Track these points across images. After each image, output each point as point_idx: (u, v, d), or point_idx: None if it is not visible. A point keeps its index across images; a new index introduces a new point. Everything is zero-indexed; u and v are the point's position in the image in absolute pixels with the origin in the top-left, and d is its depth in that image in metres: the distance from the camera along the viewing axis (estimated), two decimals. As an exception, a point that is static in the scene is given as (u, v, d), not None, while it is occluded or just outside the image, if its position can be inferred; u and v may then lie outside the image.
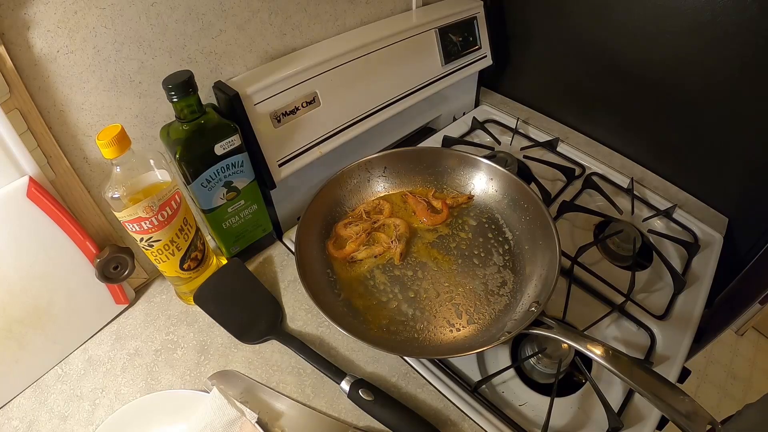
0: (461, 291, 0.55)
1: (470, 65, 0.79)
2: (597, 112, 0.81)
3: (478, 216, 0.63)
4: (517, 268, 0.57)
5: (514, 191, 0.61)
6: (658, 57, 0.67)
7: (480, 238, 0.60)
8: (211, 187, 0.53)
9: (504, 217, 0.62)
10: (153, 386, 0.51)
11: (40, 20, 0.41)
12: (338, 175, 0.62)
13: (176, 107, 0.48)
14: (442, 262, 0.58)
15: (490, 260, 0.58)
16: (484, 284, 0.55)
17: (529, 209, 0.59)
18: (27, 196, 0.44)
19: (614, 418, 0.46)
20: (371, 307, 0.54)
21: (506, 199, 0.62)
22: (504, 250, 0.59)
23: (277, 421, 0.48)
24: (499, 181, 0.62)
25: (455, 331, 0.51)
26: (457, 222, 0.62)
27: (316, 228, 0.60)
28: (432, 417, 0.48)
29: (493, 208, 0.63)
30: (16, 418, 0.49)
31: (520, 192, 0.60)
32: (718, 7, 0.57)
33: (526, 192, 0.59)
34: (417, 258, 0.59)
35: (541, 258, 0.55)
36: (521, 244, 0.59)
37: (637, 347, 0.54)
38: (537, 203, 0.57)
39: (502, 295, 0.54)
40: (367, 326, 0.52)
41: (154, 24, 0.48)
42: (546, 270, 0.53)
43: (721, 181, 0.71)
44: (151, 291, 0.61)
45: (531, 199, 0.58)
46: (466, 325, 0.52)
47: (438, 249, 0.59)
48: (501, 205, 0.62)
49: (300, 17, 0.61)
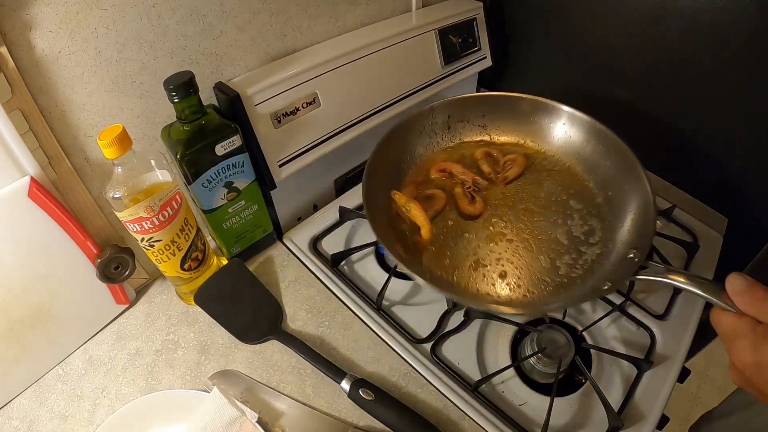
0: (552, 245, 0.54)
1: (470, 66, 0.80)
2: (596, 112, 0.81)
3: (556, 165, 0.62)
4: (603, 215, 0.55)
5: (595, 137, 0.59)
6: (658, 57, 0.67)
7: (566, 189, 0.59)
8: (212, 188, 0.53)
9: (583, 164, 0.60)
10: (153, 386, 0.51)
11: (41, 21, 0.42)
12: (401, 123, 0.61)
13: (177, 108, 0.48)
14: (527, 214, 0.57)
15: (576, 209, 0.57)
16: (576, 235, 0.54)
17: (610, 154, 0.57)
18: (28, 196, 0.45)
19: (614, 417, 0.46)
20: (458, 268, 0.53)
21: (587, 145, 0.60)
22: (588, 197, 0.58)
23: (278, 420, 0.48)
24: (580, 127, 0.61)
25: (551, 286, 0.50)
26: (535, 174, 0.61)
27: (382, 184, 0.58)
28: (432, 416, 0.48)
29: (571, 156, 0.61)
30: (16, 418, 0.49)
31: (600, 136, 0.58)
32: (717, 7, 0.58)
33: (608, 135, 0.57)
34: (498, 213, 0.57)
35: (630, 204, 0.53)
36: (605, 190, 0.57)
37: (637, 347, 0.54)
38: (619, 145, 0.55)
39: (593, 244, 0.53)
40: (459, 287, 0.51)
41: (156, 25, 0.49)
42: (637, 214, 0.52)
43: (721, 181, 0.71)
44: (151, 291, 0.61)
45: (613, 143, 0.56)
46: (562, 279, 0.51)
47: (519, 202, 0.58)
48: (579, 152, 0.61)
49: (300, 18, 0.61)
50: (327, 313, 0.58)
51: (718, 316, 0.36)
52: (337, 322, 0.57)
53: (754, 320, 0.33)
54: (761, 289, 0.33)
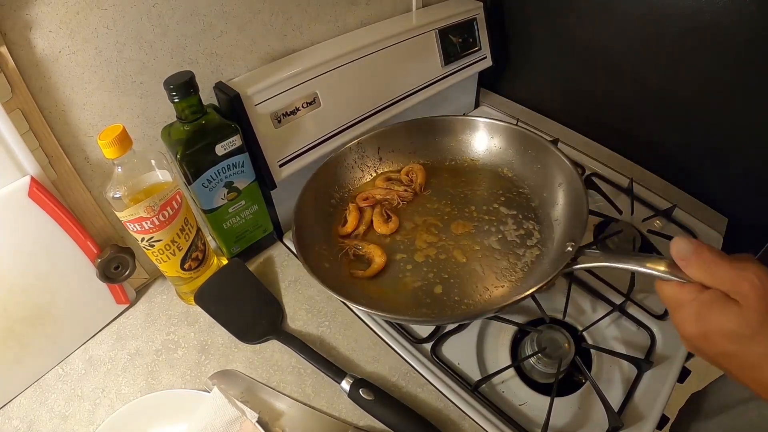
0: (486, 252, 0.54)
1: (470, 66, 0.80)
2: (596, 112, 0.81)
3: (488, 176, 0.62)
4: (540, 217, 0.56)
5: (518, 141, 0.60)
6: (658, 57, 0.67)
7: (498, 197, 0.60)
8: (212, 188, 0.53)
9: (514, 171, 0.61)
10: (154, 386, 0.51)
11: (42, 21, 0.42)
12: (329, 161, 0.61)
13: (177, 108, 0.48)
14: (459, 227, 0.57)
15: (512, 216, 0.57)
16: (511, 240, 0.55)
17: (538, 156, 0.58)
18: (28, 195, 0.45)
19: (614, 417, 0.46)
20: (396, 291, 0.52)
21: (513, 152, 0.61)
22: (523, 202, 0.58)
23: (278, 420, 0.48)
24: (502, 135, 0.62)
25: (492, 291, 0.50)
26: (467, 186, 0.61)
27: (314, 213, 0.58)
28: (432, 416, 0.48)
29: (502, 165, 0.62)
30: (16, 418, 0.49)
31: (525, 140, 0.59)
32: (717, 8, 0.58)
33: (532, 138, 0.58)
34: (430, 232, 0.57)
35: (562, 199, 0.54)
36: (539, 193, 0.58)
37: (637, 347, 0.54)
38: (546, 147, 0.56)
39: (530, 246, 0.54)
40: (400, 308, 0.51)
41: (156, 25, 0.49)
42: (569, 206, 0.53)
43: (721, 181, 0.71)
44: (151, 291, 0.61)
45: (539, 145, 0.57)
46: (501, 284, 0.51)
47: (453, 217, 0.58)
48: (509, 160, 0.62)
49: (301, 18, 0.61)
50: (327, 313, 0.58)
51: (661, 287, 0.34)
52: (337, 322, 0.57)
53: (697, 287, 0.31)
54: (707, 250, 0.31)
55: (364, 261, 0.55)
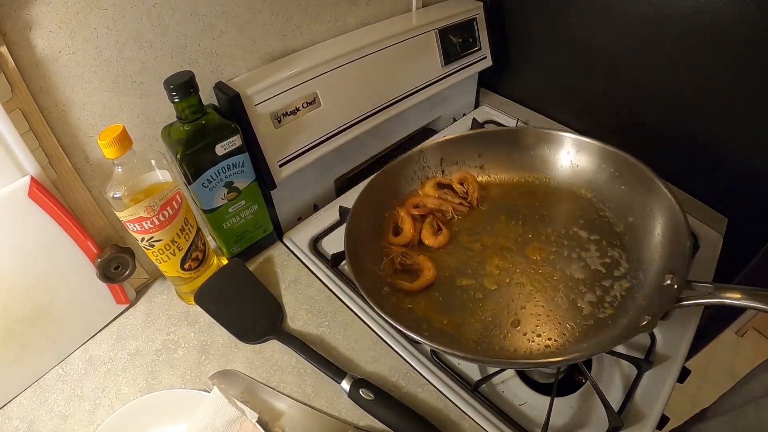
0: (569, 283, 0.49)
1: (470, 66, 0.80)
2: (596, 112, 0.81)
3: (564, 196, 0.58)
4: (626, 244, 0.51)
5: (606, 161, 0.55)
6: (658, 57, 0.67)
7: (576, 220, 0.55)
8: (212, 188, 0.53)
9: (595, 192, 0.56)
10: (154, 386, 0.51)
11: (42, 21, 0.42)
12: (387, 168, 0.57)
13: (177, 108, 0.48)
14: (535, 252, 0.52)
15: (594, 241, 0.52)
16: (596, 270, 0.49)
17: (624, 177, 0.53)
18: (28, 195, 0.45)
19: (614, 417, 0.46)
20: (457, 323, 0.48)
21: (597, 172, 0.56)
22: (605, 226, 0.53)
23: (278, 420, 0.48)
24: (587, 153, 0.57)
25: (576, 330, 0.45)
26: (543, 208, 0.57)
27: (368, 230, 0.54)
28: (432, 416, 0.48)
29: (580, 186, 0.57)
30: (16, 418, 0.49)
31: (610, 159, 0.54)
32: (717, 8, 0.58)
33: (619, 157, 0.53)
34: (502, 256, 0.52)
35: (656, 225, 0.49)
36: (624, 217, 0.53)
37: (637, 347, 0.54)
38: (635, 165, 0.51)
39: (619, 278, 0.48)
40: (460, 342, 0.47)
41: (156, 25, 0.49)
42: (666, 235, 0.47)
43: (721, 181, 0.71)
44: (151, 291, 0.61)
45: (628, 164, 0.52)
46: (587, 321, 0.46)
47: (527, 240, 0.54)
48: (589, 180, 0.57)
49: (301, 18, 0.61)
50: (327, 313, 0.58)
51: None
52: (337, 322, 0.57)
53: None
54: None
55: (410, 273, 0.51)
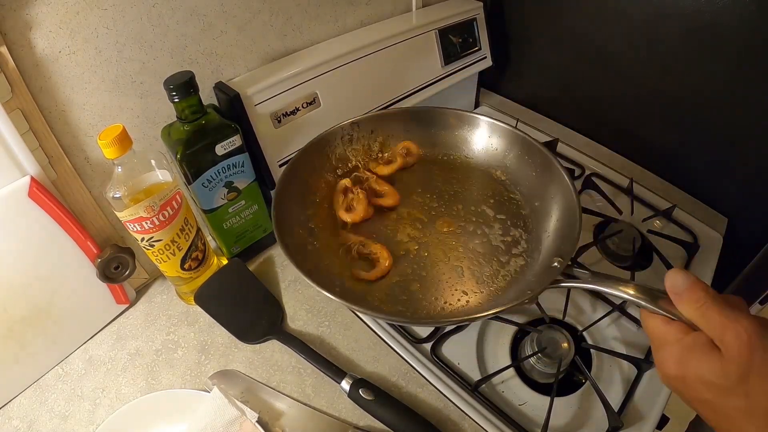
0: (470, 255, 0.52)
1: (470, 66, 0.80)
2: (596, 112, 0.81)
3: (480, 176, 0.60)
4: (529, 226, 0.54)
5: (517, 146, 0.58)
6: (658, 58, 0.67)
7: (487, 199, 0.58)
8: (212, 188, 0.53)
9: (508, 175, 0.59)
10: (154, 386, 0.51)
11: (42, 21, 0.42)
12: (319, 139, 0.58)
13: (177, 108, 0.48)
14: (445, 225, 0.55)
15: (499, 220, 0.55)
16: (496, 246, 0.53)
17: (535, 163, 0.56)
18: (28, 195, 0.45)
19: (614, 417, 0.46)
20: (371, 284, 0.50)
21: (510, 155, 0.59)
22: (512, 208, 0.56)
23: (278, 420, 0.48)
24: (502, 137, 0.60)
25: (470, 297, 0.49)
26: (458, 184, 0.60)
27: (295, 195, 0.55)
28: (432, 416, 0.48)
29: (495, 167, 0.60)
30: (16, 418, 0.49)
31: (524, 146, 0.57)
32: (717, 8, 0.58)
33: (531, 145, 0.56)
34: (414, 226, 0.55)
35: (555, 212, 0.52)
36: (531, 201, 0.56)
37: (637, 347, 0.54)
38: (545, 155, 0.54)
39: (516, 255, 0.52)
40: (369, 300, 0.49)
41: (156, 25, 0.49)
42: (561, 220, 0.51)
43: (721, 181, 0.71)
44: (151, 291, 0.61)
45: (537, 152, 0.55)
46: (480, 290, 0.49)
47: (439, 213, 0.57)
48: (504, 163, 0.60)
49: (300, 18, 0.61)
50: (327, 313, 0.58)
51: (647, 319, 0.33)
52: (337, 322, 0.57)
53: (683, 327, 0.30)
54: (702, 289, 0.30)
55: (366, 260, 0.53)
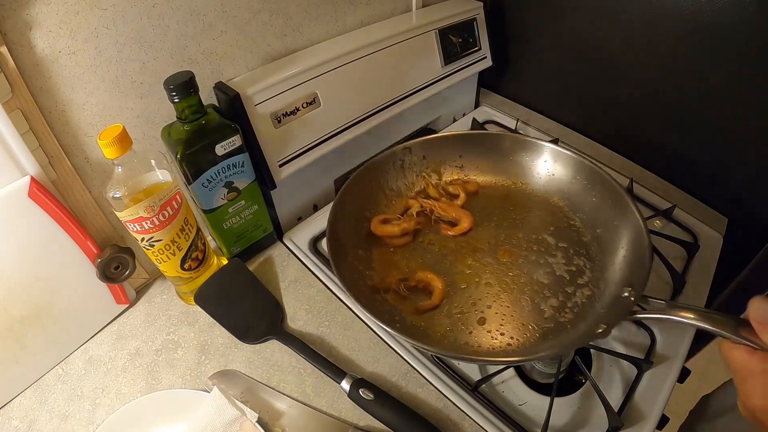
0: (535, 287, 0.51)
1: (470, 66, 0.80)
2: (596, 112, 0.81)
3: (538, 203, 0.60)
4: (592, 255, 0.53)
5: (580, 173, 0.58)
6: (657, 58, 0.67)
7: (547, 227, 0.57)
8: (212, 188, 0.53)
9: (567, 202, 0.59)
10: (154, 386, 0.51)
11: (42, 21, 0.42)
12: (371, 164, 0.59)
13: (177, 108, 0.48)
14: (506, 255, 0.54)
15: (561, 249, 0.55)
16: (561, 276, 0.52)
17: (596, 190, 0.56)
18: (28, 195, 0.45)
19: (614, 417, 0.46)
20: (427, 318, 0.50)
21: (571, 182, 0.59)
22: (573, 236, 0.56)
23: (278, 420, 0.48)
24: (563, 163, 0.59)
25: (538, 333, 0.48)
26: (517, 213, 0.59)
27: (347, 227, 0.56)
28: (432, 416, 0.48)
29: (554, 194, 0.60)
30: (16, 418, 0.49)
31: (586, 173, 0.57)
32: (717, 8, 0.58)
33: (595, 172, 0.55)
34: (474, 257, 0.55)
35: (621, 240, 0.51)
36: (593, 229, 0.55)
37: (637, 347, 0.54)
38: (605, 179, 0.54)
39: (581, 285, 0.51)
40: (429, 335, 0.49)
41: (156, 25, 0.49)
42: (629, 249, 0.50)
43: (721, 181, 0.71)
44: (151, 291, 0.61)
45: (600, 179, 0.54)
46: (547, 324, 0.48)
47: (500, 243, 0.56)
48: (562, 189, 0.59)
49: (300, 18, 0.61)
50: (327, 313, 0.58)
51: (729, 350, 0.32)
52: (337, 322, 0.57)
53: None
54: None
55: (418, 292, 0.53)
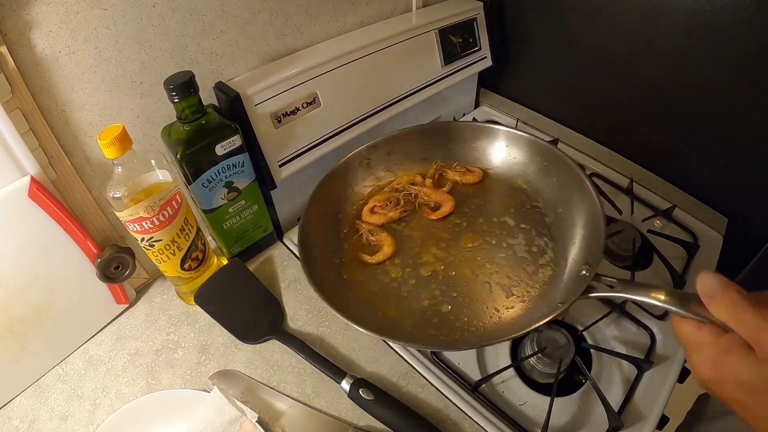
0: (497, 269, 0.52)
1: (470, 66, 0.80)
2: (596, 112, 0.81)
3: (501, 187, 0.61)
4: (554, 234, 0.54)
5: (538, 154, 0.59)
6: (657, 58, 0.67)
7: (509, 209, 0.58)
8: (212, 188, 0.53)
9: (529, 184, 0.59)
10: (154, 386, 0.51)
11: (42, 21, 0.42)
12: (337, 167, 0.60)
13: (177, 108, 0.48)
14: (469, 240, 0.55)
15: (523, 230, 0.55)
16: (523, 257, 0.53)
17: (556, 171, 0.56)
18: (28, 195, 0.45)
19: (614, 417, 0.46)
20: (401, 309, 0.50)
21: (531, 164, 0.59)
22: (536, 217, 0.56)
23: (278, 420, 0.48)
24: (521, 146, 0.60)
25: (503, 313, 0.49)
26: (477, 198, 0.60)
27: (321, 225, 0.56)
28: (432, 416, 0.48)
29: (516, 177, 0.60)
30: (16, 418, 0.49)
31: (544, 154, 0.58)
32: (717, 8, 0.58)
33: (552, 152, 0.56)
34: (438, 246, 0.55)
35: (580, 219, 0.52)
36: (554, 208, 0.56)
37: (637, 347, 0.54)
38: (565, 161, 0.54)
39: (543, 265, 0.52)
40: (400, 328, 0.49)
41: (156, 25, 0.49)
42: (588, 230, 0.50)
43: (721, 181, 0.71)
44: (151, 291, 0.61)
45: (558, 159, 0.55)
46: (511, 305, 0.49)
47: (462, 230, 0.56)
48: (524, 171, 0.60)
49: (301, 18, 0.61)
50: (327, 313, 0.58)
51: (678, 324, 0.33)
52: (338, 322, 0.57)
53: (716, 330, 0.30)
54: (735, 291, 0.29)
55: (372, 246, 0.56)
